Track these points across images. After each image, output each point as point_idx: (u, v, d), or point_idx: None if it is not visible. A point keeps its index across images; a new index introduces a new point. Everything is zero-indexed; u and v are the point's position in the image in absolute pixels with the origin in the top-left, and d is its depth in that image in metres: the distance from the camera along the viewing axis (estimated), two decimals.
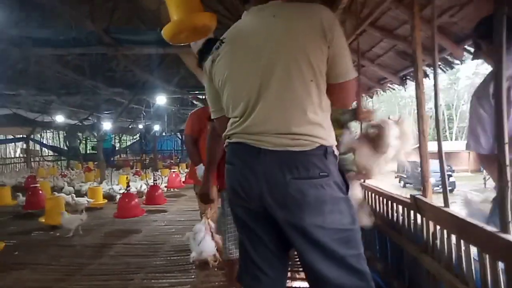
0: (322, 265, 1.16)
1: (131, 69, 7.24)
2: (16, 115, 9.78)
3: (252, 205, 1.25)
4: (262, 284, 1.31)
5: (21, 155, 15.39)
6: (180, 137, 21.05)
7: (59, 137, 18.23)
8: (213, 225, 3.17)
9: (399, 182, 22.72)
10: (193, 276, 3.10)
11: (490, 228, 1.21)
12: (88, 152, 19.11)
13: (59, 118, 10.83)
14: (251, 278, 1.33)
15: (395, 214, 2.32)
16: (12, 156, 18.09)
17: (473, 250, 1.38)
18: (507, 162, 1.12)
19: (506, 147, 1.13)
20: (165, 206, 6.62)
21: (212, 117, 1.44)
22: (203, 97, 10.42)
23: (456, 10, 2.69)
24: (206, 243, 3.07)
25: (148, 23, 5.60)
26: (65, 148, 16.34)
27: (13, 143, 15.28)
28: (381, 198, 2.53)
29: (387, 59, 4.18)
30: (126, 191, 6.07)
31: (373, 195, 2.71)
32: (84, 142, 18.76)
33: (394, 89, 4.72)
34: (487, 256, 1.25)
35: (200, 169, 3.13)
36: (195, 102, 10.94)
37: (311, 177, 1.14)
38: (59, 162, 16.38)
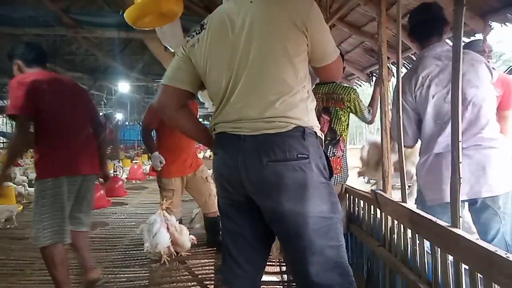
0: (300, 256, 1.15)
1: (93, 53, 6.93)
2: None
3: (234, 195, 1.23)
4: (238, 279, 1.30)
5: None
6: None
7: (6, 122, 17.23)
8: (169, 216, 3.14)
9: (363, 177, 23.45)
10: (151, 271, 3.02)
11: (441, 222, 1.25)
12: None
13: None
14: (228, 271, 1.31)
15: (356, 209, 2.37)
16: None
17: (427, 243, 1.43)
18: (460, 159, 1.16)
19: (460, 145, 1.17)
20: (125, 199, 6.42)
21: (162, 82, 1.33)
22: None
23: None
24: (161, 235, 3.00)
25: (112, 4, 5.36)
26: None
27: None
28: (346, 194, 2.57)
29: (354, 55, 4.26)
30: None
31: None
32: None
33: (361, 85, 4.83)
34: (438, 249, 1.29)
35: (155, 157, 3.09)
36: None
37: (289, 159, 1.12)
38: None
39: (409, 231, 1.57)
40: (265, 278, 2.48)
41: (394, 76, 3.66)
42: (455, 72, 1.17)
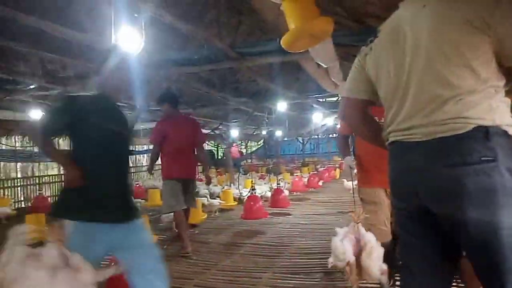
0: (491, 273, 1.04)
1: (254, 79, 7.73)
2: None
3: (409, 205, 1.22)
4: None
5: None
6: (301, 141, 21.45)
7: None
8: (365, 233, 2.50)
9: None
10: (317, 280, 3.11)
11: None
12: (218, 158, 21.02)
13: None
14: (405, 284, 1.29)
15: None
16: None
17: None
18: None
19: None
20: (288, 209, 6.81)
21: (343, 94, 1.47)
22: (323, 100, 10.50)
23: None
24: (337, 248, 2.49)
25: (269, 33, 5.91)
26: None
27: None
28: None
29: None
30: (250, 194, 6.49)
31: None
32: (215, 149, 20.68)
33: None
34: None
35: (346, 161, 3.05)
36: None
37: (468, 162, 1.03)
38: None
39: None
40: None
41: None
42: None
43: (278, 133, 15.89)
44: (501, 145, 1.03)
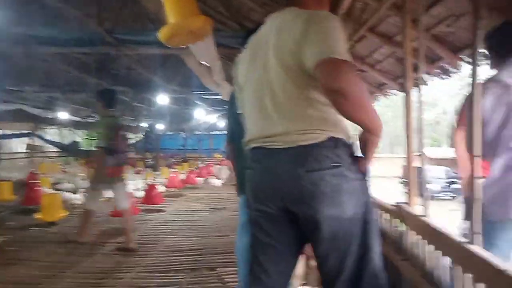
0: (335, 258, 1.21)
1: (135, 68, 7.32)
2: (20, 110, 9.89)
3: (270, 207, 1.30)
4: (264, 286, 1.35)
5: (26, 151, 15.54)
6: (184, 136, 21.15)
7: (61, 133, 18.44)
8: None
9: (404, 187, 22.60)
10: (183, 277, 3.12)
11: (460, 238, 1.23)
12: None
13: (63, 115, 10.93)
14: (254, 281, 1.37)
15: (382, 221, 2.33)
16: (18, 151, 18.25)
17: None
18: (476, 175, 1.14)
19: (478, 160, 1.15)
20: (162, 206, 6.65)
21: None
22: (208, 97, 10.54)
23: (453, 20, 2.71)
24: None
25: (156, 22, 5.66)
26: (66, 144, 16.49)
27: (18, 138, 15.45)
28: None
29: (386, 65, 4.20)
30: None
31: None
32: (86, 139, 18.87)
33: (395, 95, 4.73)
34: (459, 267, 1.26)
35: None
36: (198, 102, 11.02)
37: (323, 168, 1.18)
38: (62, 158, 16.51)
39: (430, 247, 1.54)
40: None
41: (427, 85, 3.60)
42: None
43: (159, 126, 15.38)
44: (345, 152, 1.22)
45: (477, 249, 1.11)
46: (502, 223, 1.49)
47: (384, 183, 14.83)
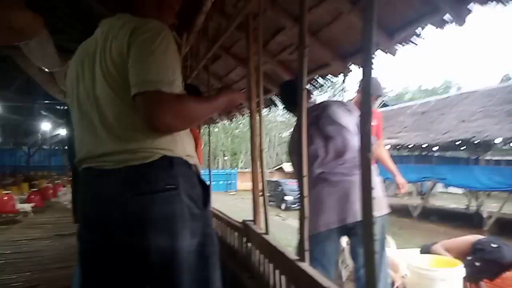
0: None
1: None
2: None
3: (98, 237, 1.09)
4: None
5: None
6: (28, 151, 18.25)
7: None
8: None
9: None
10: None
11: (291, 256, 1.27)
12: None
13: None
14: None
15: (230, 238, 2.34)
16: None
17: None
18: (305, 194, 1.20)
19: (305, 180, 1.21)
20: None
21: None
22: (59, 107, 9.27)
23: (294, 49, 2.99)
24: None
25: None
26: None
27: None
28: (219, 222, 2.53)
29: (242, 85, 4.39)
30: None
31: (213, 219, 2.71)
32: None
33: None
34: (293, 285, 1.30)
35: None
36: None
37: (155, 190, 1.03)
38: None
39: (271, 265, 1.58)
40: None
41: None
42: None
43: None
44: (182, 173, 1.10)
45: (305, 266, 1.16)
46: (313, 237, 1.59)
47: (248, 196, 15.65)
